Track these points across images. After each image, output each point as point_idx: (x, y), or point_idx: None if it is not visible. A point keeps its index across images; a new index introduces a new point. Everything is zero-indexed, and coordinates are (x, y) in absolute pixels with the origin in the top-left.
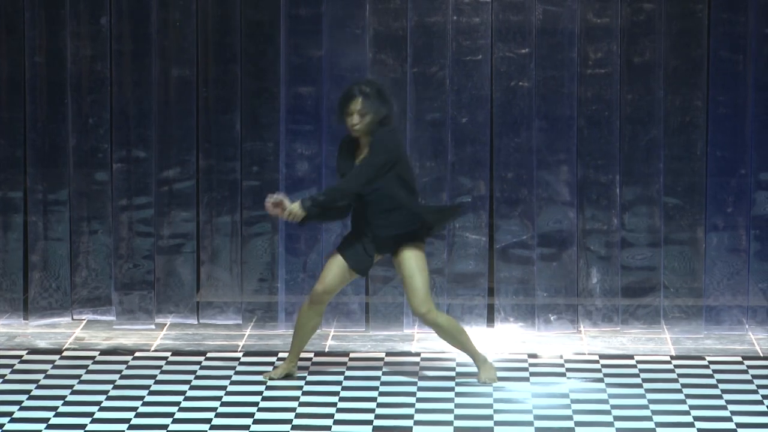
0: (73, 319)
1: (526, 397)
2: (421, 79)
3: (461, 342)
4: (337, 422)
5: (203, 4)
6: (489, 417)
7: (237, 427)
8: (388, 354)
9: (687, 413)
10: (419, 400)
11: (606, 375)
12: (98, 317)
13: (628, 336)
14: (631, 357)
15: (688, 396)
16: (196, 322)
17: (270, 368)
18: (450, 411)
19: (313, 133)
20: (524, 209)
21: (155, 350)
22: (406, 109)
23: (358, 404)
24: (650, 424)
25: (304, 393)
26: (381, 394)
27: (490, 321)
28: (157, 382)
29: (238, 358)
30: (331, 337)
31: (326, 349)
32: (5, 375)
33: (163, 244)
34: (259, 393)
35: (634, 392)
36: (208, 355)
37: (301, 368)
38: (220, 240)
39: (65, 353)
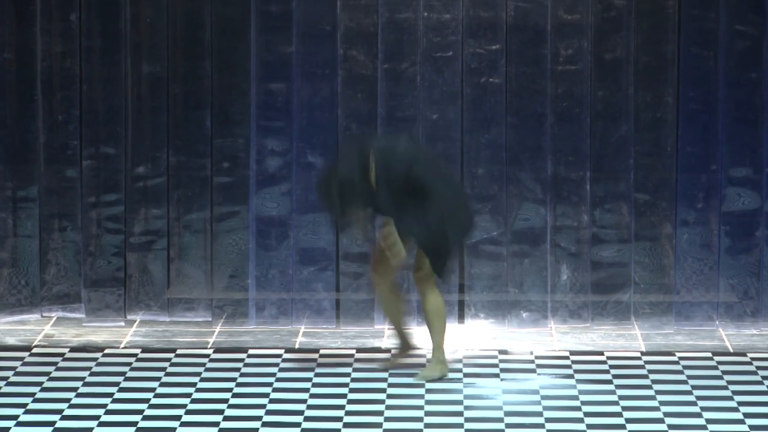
0: (42, 316)
1: (497, 393)
2: (392, 75)
3: (434, 329)
4: (307, 419)
5: (173, 0)
6: (459, 413)
7: (207, 424)
8: (358, 351)
9: (657, 409)
10: (390, 396)
11: (576, 371)
12: (68, 314)
13: (598, 332)
14: (601, 353)
15: (658, 392)
16: (166, 319)
17: (241, 365)
18: (420, 407)
19: (283, 130)
20: (495, 205)
21: (125, 347)
22: (377, 105)
23: (329, 401)
24: (620, 420)
25: (275, 390)
26: (351, 390)
27: (461, 317)
28: (126, 379)
29: (208, 355)
30: (301, 333)
31: (296, 346)
32: None
33: (133, 241)
34: (229, 390)
35: (605, 388)
36: (178, 352)
37: (270, 365)
38: (191, 237)
39: (35, 350)
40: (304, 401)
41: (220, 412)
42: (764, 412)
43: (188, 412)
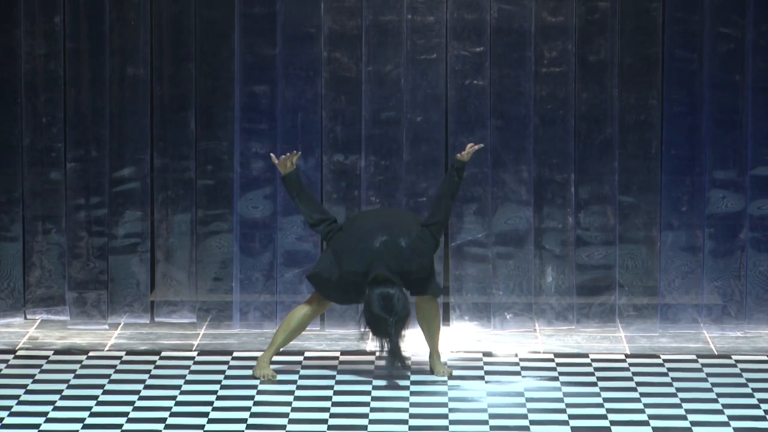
0: (26, 318)
1: (482, 395)
2: (376, 77)
3: (432, 331)
4: (292, 421)
5: (157, 2)
6: (444, 416)
7: (191, 427)
8: (343, 353)
9: (642, 411)
10: (374, 399)
11: (561, 373)
12: (52, 317)
13: (583, 334)
14: (586, 355)
15: (642, 394)
16: (150, 322)
17: (225, 367)
18: (405, 410)
19: (267, 132)
20: (479, 208)
21: (109, 350)
22: (361, 108)
23: (313, 403)
24: (605, 423)
25: (260, 392)
26: (336, 393)
27: (446, 319)
28: (111, 382)
29: (192, 357)
30: None
31: (281, 348)
32: None
33: (117, 244)
34: (214, 392)
35: (589, 391)
36: (163, 354)
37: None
38: (175, 239)
39: (19, 353)
40: (288, 404)
41: (205, 414)
42: (749, 414)
43: (173, 415)
